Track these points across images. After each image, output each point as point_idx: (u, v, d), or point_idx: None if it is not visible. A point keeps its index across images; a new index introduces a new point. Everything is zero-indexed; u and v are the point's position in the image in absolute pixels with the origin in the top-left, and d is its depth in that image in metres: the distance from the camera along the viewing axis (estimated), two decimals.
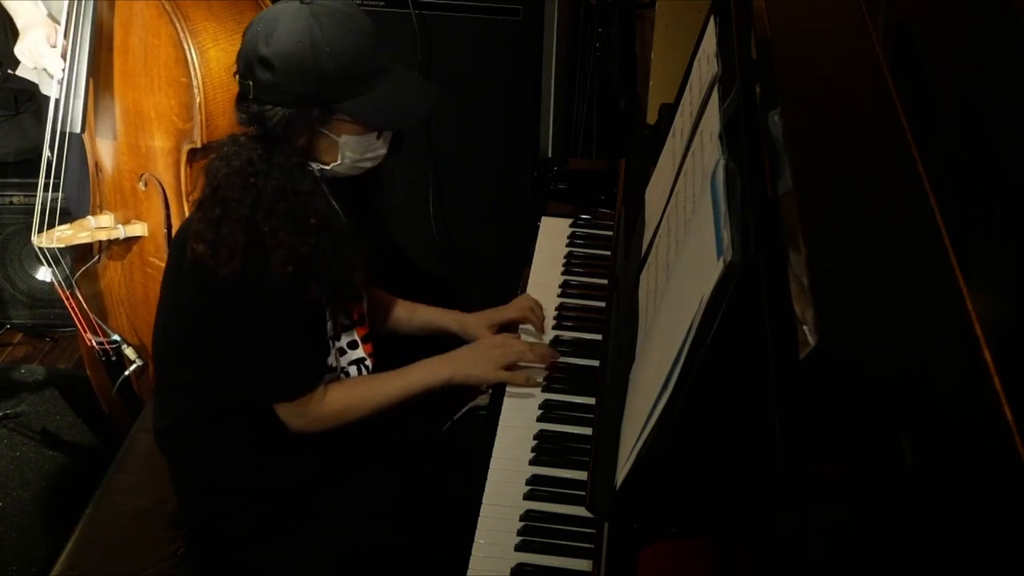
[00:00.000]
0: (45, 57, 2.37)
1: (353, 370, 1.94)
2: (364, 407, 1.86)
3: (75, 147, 2.49)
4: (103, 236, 2.49)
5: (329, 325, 1.87)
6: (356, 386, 1.89)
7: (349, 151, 1.76)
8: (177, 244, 1.82)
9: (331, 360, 1.89)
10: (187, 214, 2.38)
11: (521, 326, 2.04)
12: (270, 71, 1.68)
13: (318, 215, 1.74)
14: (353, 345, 1.94)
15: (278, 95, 1.69)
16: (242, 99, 1.74)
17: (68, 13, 2.32)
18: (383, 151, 1.81)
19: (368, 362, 1.96)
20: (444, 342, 2.05)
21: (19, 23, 2.46)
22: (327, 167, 1.78)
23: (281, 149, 1.73)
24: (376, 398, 1.87)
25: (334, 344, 1.89)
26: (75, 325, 2.61)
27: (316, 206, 1.75)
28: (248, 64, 1.71)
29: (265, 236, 1.70)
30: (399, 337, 2.13)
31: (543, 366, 1.89)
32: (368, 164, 1.81)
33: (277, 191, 1.71)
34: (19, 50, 2.43)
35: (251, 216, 1.70)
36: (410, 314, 2.13)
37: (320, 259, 1.74)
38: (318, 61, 1.67)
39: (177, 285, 1.84)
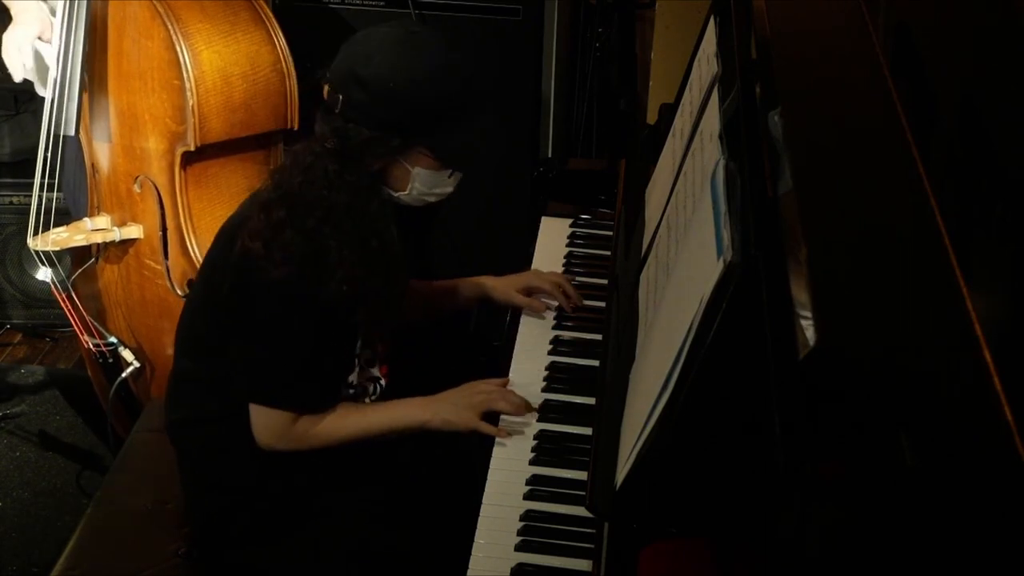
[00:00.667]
0: (28, 56, 2.35)
1: (370, 387, 1.94)
2: (334, 435, 1.82)
3: (72, 148, 2.49)
4: (99, 239, 2.48)
5: (359, 343, 1.87)
6: (331, 412, 1.84)
7: (419, 183, 1.76)
8: (224, 238, 1.81)
9: (353, 377, 1.88)
10: (183, 221, 2.38)
11: (525, 314, 2.06)
12: (365, 92, 1.67)
13: (380, 239, 1.74)
14: (371, 363, 1.94)
15: (366, 116, 1.69)
16: (327, 110, 1.73)
17: (62, 15, 2.31)
18: (449, 189, 1.82)
19: (382, 381, 1.96)
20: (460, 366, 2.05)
21: (12, 11, 2.44)
22: (394, 194, 1.78)
23: (355, 168, 1.72)
24: (348, 428, 1.83)
25: (359, 361, 1.89)
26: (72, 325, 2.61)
27: (380, 230, 1.75)
28: (342, 79, 1.70)
29: (328, 250, 1.69)
30: (429, 340, 2.15)
31: (521, 417, 1.82)
32: (432, 199, 1.82)
33: (348, 208, 1.71)
34: (5, 41, 2.40)
35: (318, 228, 1.70)
36: (446, 294, 2.14)
37: (374, 283, 1.74)
38: (413, 92, 1.67)
39: (213, 278, 1.83)
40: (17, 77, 2.40)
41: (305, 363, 1.78)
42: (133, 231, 2.46)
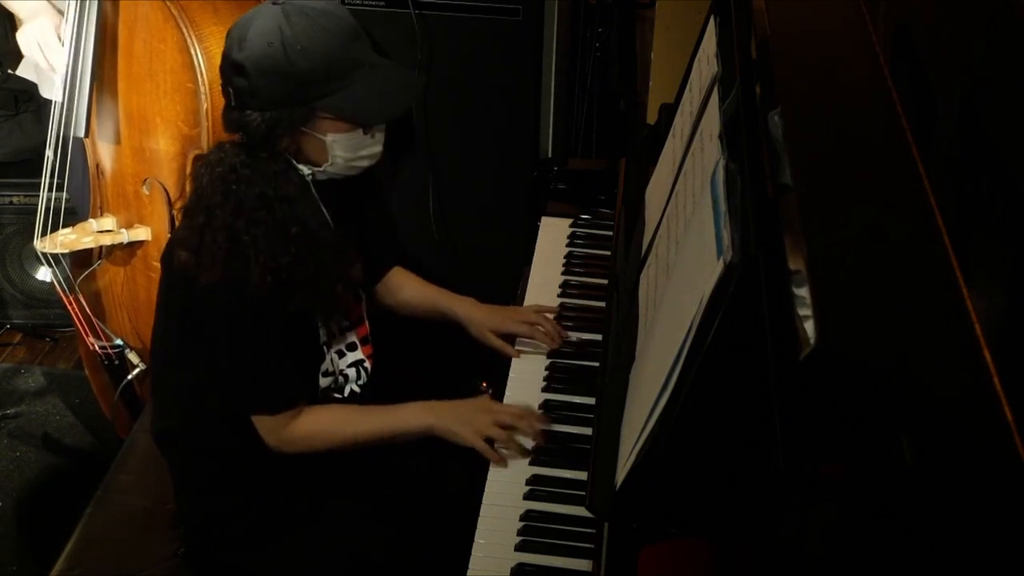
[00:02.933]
0: (52, 47, 2.35)
1: (352, 372, 1.93)
2: (337, 436, 1.82)
3: (77, 149, 2.49)
4: (107, 241, 2.48)
5: (322, 332, 1.86)
6: (334, 413, 1.85)
7: (340, 150, 1.75)
8: (167, 251, 1.82)
9: (327, 365, 1.88)
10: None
11: (520, 339, 2.01)
12: (244, 76, 1.67)
13: (300, 223, 1.73)
14: (352, 347, 1.94)
15: (255, 99, 1.68)
16: (225, 107, 1.74)
17: (72, 17, 2.31)
18: (378, 148, 1.79)
19: (367, 364, 1.95)
20: (444, 342, 2.04)
21: (21, 15, 2.44)
22: (319, 168, 1.77)
23: (265, 154, 1.72)
24: (351, 430, 1.82)
25: (329, 350, 1.88)
26: (75, 325, 2.61)
27: (299, 214, 1.73)
28: (225, 71, 1.70)
29: (245, 245, 1.68)
30: (407, 320, 2.11)
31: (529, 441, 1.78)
32: (365, 163, 1.80)
33: (259, 198, 1.70)
34: (22, 38, 2.41)
35: (232, 224, 1.69)
36: (423, 299, 2.10)
37: (300, 270, 1.72)
38: (290, 60, 1.65)
39: (166, 291, 1.84)
40: (44, 64, 2.39)
41: (260, 363, 1.77)
42: (141, 233, 2.45)
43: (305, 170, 1.77)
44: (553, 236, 2.29)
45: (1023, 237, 0.97)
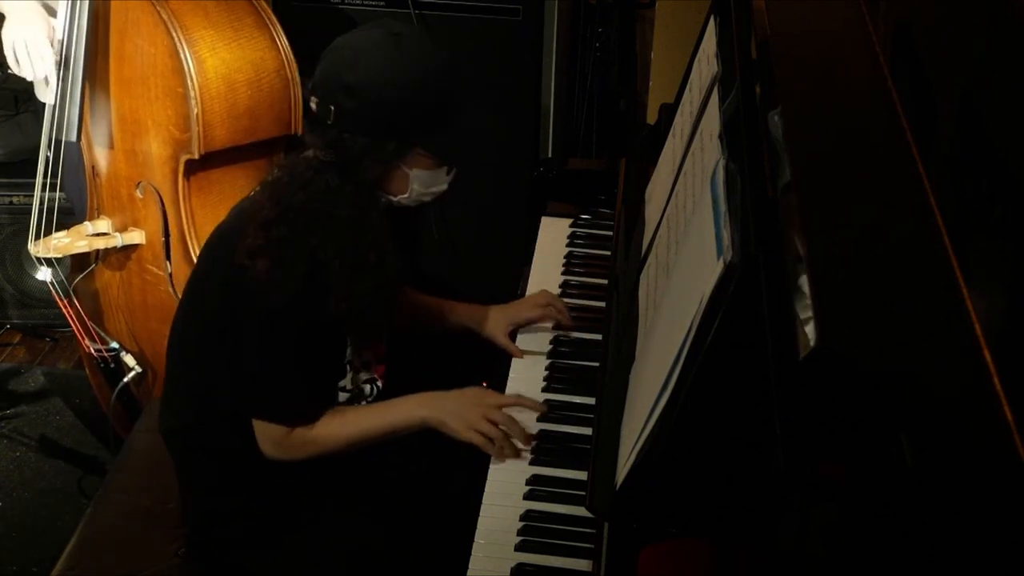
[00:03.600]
0: (39, 57, 2.33)
1: (367, 388, 1.93)
2: (336, 440, 1.81)
3: (74, 150, 2.48)
4: (100, 244, 2.46)
5: (349, 350, 1.86)
6: (329, 418, 1.83)
7: (418, 184, 1.75)
8: (213, 251, 1.80)
9: (347, 381, 1.88)
10: (186, 227, 2.37)
11: (520, 334, 2.02)
12: (355, 99, 1.65)
13: (379, 253, 1.73)
14: (366, 365, 1.94)
15: (360, 123, 1.67)
16: (318, 122, 1.71)
17: (64, 19, 2.29)
18: (445, 187, 1.80)
19: (379, 383, 1.96)
20: (459, 359, 2.04)
21: (4, 8, 2.40)
22: (394, 198, 1.77)
23: (355, 178, 1.70)
24: (348, 430, 1.81)
25: (350, 368, 1.88)
26: (71, 328, 2.61)
27: (378, 242, 1.74)
28: (330, 89, 1.67)
29: (329, 268, 1.68)
30: (428, 337, 2.11)
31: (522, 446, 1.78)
32: (429, 198, 1.80)
33: (349, 223, 1.70)
34: (6, 37, 2.35)
35: (321, 246, 1.68)
36: (434, 312, 2.10)
37: (371, 298, 1.73)
38: (404, 94, 1.66)
39: (203, 291, 1.82)
40: (30, 75, 2.36)
41: (297, 376, 1.77)
42: (135, 236, 2.44)
43: (382, 198, 1.77)
44: (553, 236, 2.29)
45: (1023, 237, 0.97)
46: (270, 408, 1.79)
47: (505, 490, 1.68)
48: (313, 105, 1.70)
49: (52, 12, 2.38)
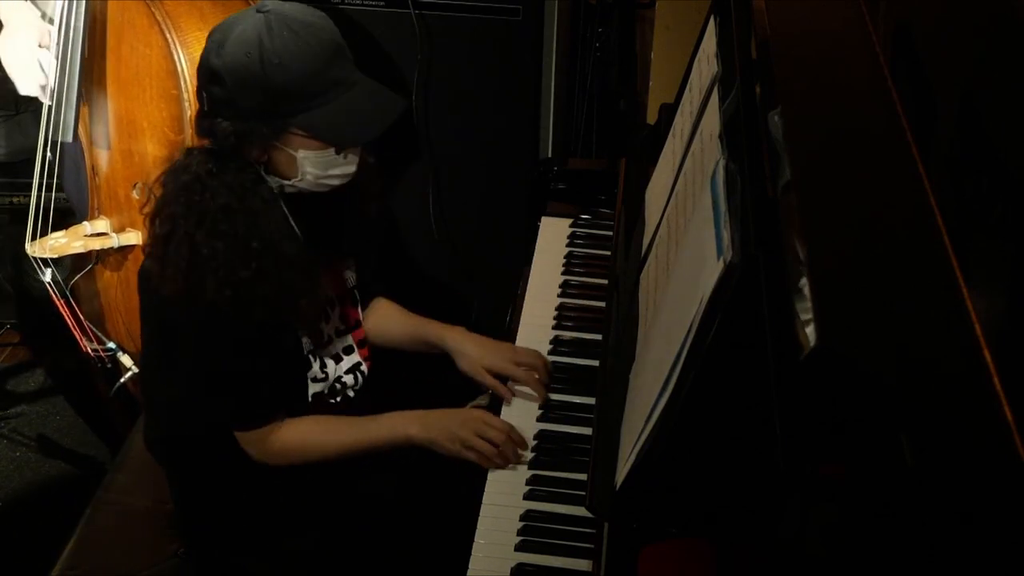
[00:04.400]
0: (32, 61, 2.33)
1: (349, 378, 1.92)
2: (320, 448, 1.80)
3: (74, 150, 2.48)
4: (97, 245, 2.46)
5: (306, 341, 1.83)
6: (315, 425, 1.82)
7: (310, 167, 1.71)
8: (143, 262, 1.80)
9: (316, 372, 1.86)
10: None
11: (524, 317, 2.01)
12: (219, 84, 1.64)
13: (263, 237, 1.68)
14: (348, 351, 1.93)
15: (228, 108, 1.65)
16: (198, 112, 1.71)
17: (59, 21, 2.29)
18: (351, 168, 1.75)
19: (364, 367, 1.95)
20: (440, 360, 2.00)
21: (2, 16, 2.41)
22: (288, 182, 1.74)
23: (234, 164, 1.68)
24: (333, 440, 1.80)
25: (315, 358, 1.86)
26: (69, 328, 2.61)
27: (263, 227, 1.69)
28: (200, 76, 1.68)
29: (205, 258, 1.65)
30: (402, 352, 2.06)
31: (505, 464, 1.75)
32: (335, 181, 1.75)
33: (222, 209, 1.66)
34: (2, 46, 2.38)
35: (194, 235, 1.66)
36: (413, 330, 2.02)
37: (261, 285, 1.68)
38: (266, 74, 1.62)
39: (143, 305, 1.84)
40: (23, 90, 2.37)
41: (227, 378, 1.75)
42: (131, 237, 2.44)
43: (273, 183, 1.73)
44: (553, 236, 2.29)
45: (1023, 237, 0.97)
46: (220, 414, 1.78)
47: (505, 490, 1.68)
48: (196, 96, 1.70)
49: (44, 14, 2.38)
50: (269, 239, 1.69)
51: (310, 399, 1.87)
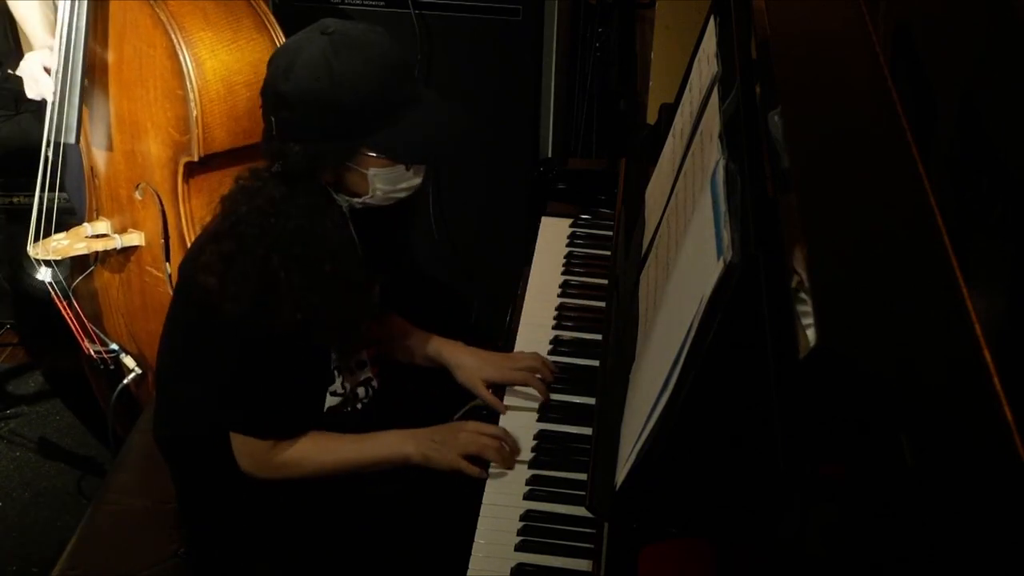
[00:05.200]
0: (41, 83, 2.36)
1: (360, 390, 1.93)
2: (314, 464, 1.79)
3: (75, 152, 2.49)
4: (99, 246, 2.46)
5: (335, 357, 1.84)
6: (311, 441, 1.81)
7: (380, 183, 1.71)
8: (185, 269, 1.79)
9: (336, 386, 1.87)
10: (185, 229, 2.37)
11: (520, 334, 2.00)
12: (289, 109, 1.64)
13: (334, 261, 1.69)
14: (360, 365, 1.93)
15: (299, 132, 1.65)
16: (266, 135, 1.70)
17: (62, 21, 2.29)
18: (417, 181, 1.76)
19: (374, 382, 1.95)
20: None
21: (36, 42, 2.44)
22: (359, 199, 1.74)
23: (305, 186, 1.68)
24: (328, 457, 1.80)
25: (339, 374, 1.87)
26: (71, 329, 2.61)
27: (334, 250, 1.70)
28: (268, 100, 1.67)
29: (279, 281, 1.66)
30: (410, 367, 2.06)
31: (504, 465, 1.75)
32: (403, 194, 1.76)
33: (296, 233, 1.67)
34: (28, 68, 2.40)
35: (267, 258, 1.66)
36: (413, 343, 2.03)
37: (328, 308, 1.70)
38: (337, 97, 1.62)
39: (175, 305, 1.83)
40: (31, 94, 2.41)
41: (267, 391, 1.75)
42: (134, 238, 2.44)
43: (342, 201, 1.74)
44: (553, 236, 2.29)
45: (1023, 237, 0.97)
46: (240, 421, 1.77)
47: (505, 490, 1.68)
48: (263, 119, 1.69)
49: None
50: (339, 262, 1.70)
51: (325, 411, 1.87)
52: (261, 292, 1.65)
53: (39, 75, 2.37)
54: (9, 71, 2.55)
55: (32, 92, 2.43)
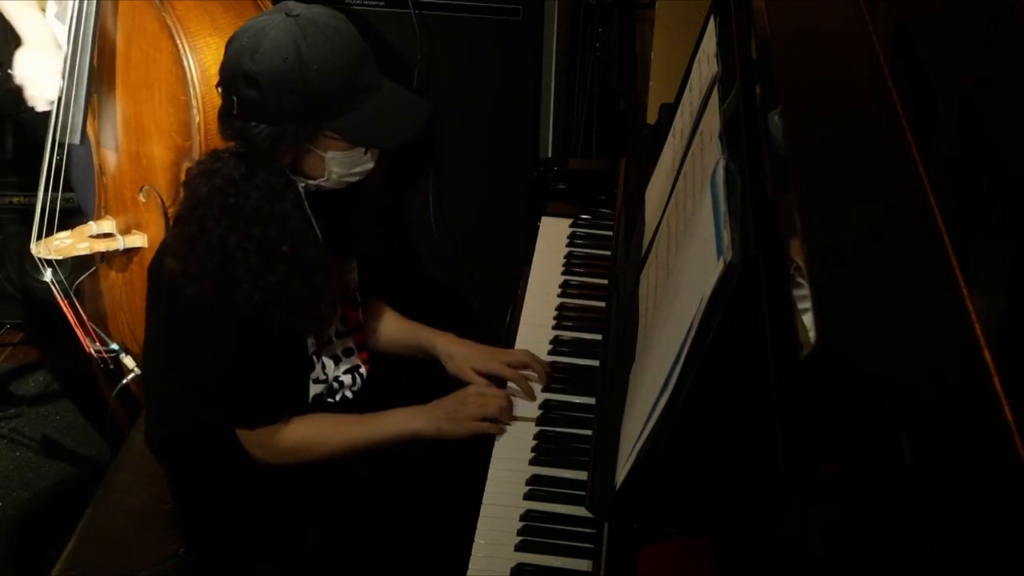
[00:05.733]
0: (40, 83, 2.34)
1: (347, 379, 1.92)
2: (326, 446, 1.81)
3: (84, 148, 2.48)
4: (102, 247, 2.46)
5: (311, 342, 1.84)
6: (320, 423, 1.84)
7: (336, 166, 1.74)
8: (156, 259, 1.81)
9: (318, 373, 1.87)
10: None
11: (524, 317, 2.01)
12: (255, 88, 1.64)
13: (292, 241, 1.70)
14: (348, 352, 1.93)
15: (263, 112, 1.66)
16: (225, 114, 1.71)
17: (70, 22, 2.29)
18: (370, 165, 1.78)
19: (363, 370, 1.95)
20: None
21: (25, 36, 2.42)
22: (313, 182, 1.75)
23: (265, 167, 1.70)
24: (338, 438, 1.82)
25: (318, 359, 1.87)
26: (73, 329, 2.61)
27: (292, 231, 1.71)
28: (232, 79, 1.67)
29: (237, 261, 1.67)
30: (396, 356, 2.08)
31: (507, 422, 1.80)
32: (355, 178, 1.78)
33: (255, 212, 1.68)
34: (21, 65, 2.39)
35: (226, 238, 1.67)
36: (404, 335, 2.05)
37: (287, 289, 1.71)
38: (305, 79, 1.63)
39: (154, 300, 1.83)
40: (39, 108, 2.39)
41: (239, 378, 1.76)
42: (137, 240, 2.44)
43: (298, 183, 1.75)
44: (553, 236, 2.29)
45: (1023, 237, 0.97)
46: (228, 412, 1.79)
47: (505, 490, 1.68)
48: (221, 97, 1.70)
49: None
50: (297, 242, 1.72)
51: (311, 400, 1.87)
52: (221, 271, 1.66)
53: (39, 76, 2.36)
54: (9, 71, 2.55)
55: (34, 92, 2.41)
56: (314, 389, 1.87)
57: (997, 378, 0.86)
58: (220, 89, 1.71)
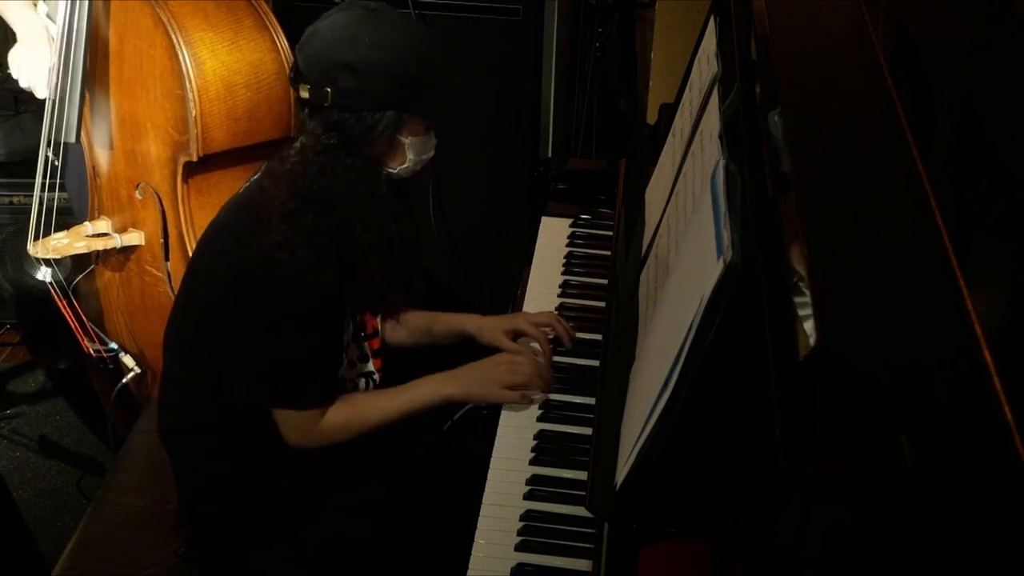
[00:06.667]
0: (33, 73, 2.36)
1: (361, 383, 1.93)
2: (363, 423, 1.83)
3: (75, 150, 2.48)
4: (99, 246, 2.46)
5: (346, 336, 1.87)
6: (355, 402, 1.85)
7: (413, 153, 1.78)
8: (213, 248, 1.80)
9: (342, 371, 1.88)
10: (184, 229, 2.36)
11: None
12: (354, 76, 1.67)
13: (398, 222, 1.78)
14: (364, 358, 1.94)
15: (361, 100, 1.69)
16: (315, 107, 1.71)
17: (62, 21, 2.29)
18: (432, 153, 1.83)
19: (376, 376, 1.95)
20: (453, 357, 2.02)
21: (18, 32, 2.44)
22: (394, 171, 1.79)
23: (362, 155, 1.73)
24: (375, 414, 1.84)
25: (346, 355, 1.89)
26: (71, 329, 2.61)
27: (396, 212, 1.78)
28: (328, 70, 1.68)
29: (358, 248, 1.73)
30: (417, 351, 2.09)
31: (544, 393, 1.85)
32: (422, 165, 1.83)
33: (366, 199, 1.74)
34: (14, 61, 2.40)
35: (347, 226, 1.73)
36: (429, 323, 2.08)
37: (378, 276, 1.79)
38: (404, 64, 1.69)
39: (203, 287, 1.82)
40: (40, 93, 2.41)
41: (319, 362, 1.80)
42: (134, 238, 2.44)
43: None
44: (553, 236, 2.29)
45: (1023, 237, 0.97)
46: (296, 397, 1.80)
47: (505, 490, 1.68)
48: (305, 93, 1.70)
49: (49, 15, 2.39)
50: (402, 223, 1.80)
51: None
52: (343, 261, 1.73)
53: (34, 71, 2.37)
54: (9, 71, 2.55)
55: (30, 85, 2.43)
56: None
57: (997, 378, 0.86)
58: (307, 84, 1.70)
